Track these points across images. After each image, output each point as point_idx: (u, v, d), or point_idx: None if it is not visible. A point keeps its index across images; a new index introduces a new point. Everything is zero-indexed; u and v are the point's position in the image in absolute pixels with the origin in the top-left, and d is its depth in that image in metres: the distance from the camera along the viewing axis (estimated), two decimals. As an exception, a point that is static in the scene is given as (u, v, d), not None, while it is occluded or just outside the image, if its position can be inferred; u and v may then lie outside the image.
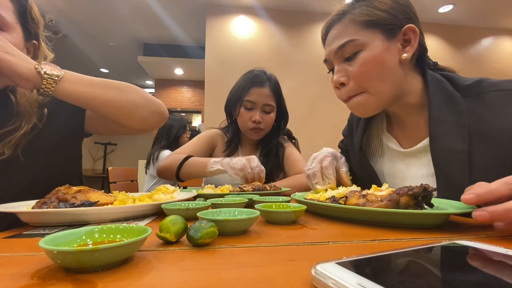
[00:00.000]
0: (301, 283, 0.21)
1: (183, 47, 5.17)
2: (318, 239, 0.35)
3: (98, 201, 0.47)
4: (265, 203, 0.50)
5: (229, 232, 0.36)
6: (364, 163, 0.77)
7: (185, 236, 0.33)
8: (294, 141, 1.34)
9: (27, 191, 0.60)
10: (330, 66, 0.71)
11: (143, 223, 0.45)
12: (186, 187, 1.84)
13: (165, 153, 2.19)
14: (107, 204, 0.48)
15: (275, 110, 1.17)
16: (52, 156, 0.71)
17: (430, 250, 0.26)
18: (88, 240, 0.29)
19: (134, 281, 0.22)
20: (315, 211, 0.54)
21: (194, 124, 6.43)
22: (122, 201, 0.50)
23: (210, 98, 3.71)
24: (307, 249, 0.31)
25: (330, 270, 0.19)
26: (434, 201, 0.48)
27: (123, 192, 0.57)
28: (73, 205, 0.44)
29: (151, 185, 2.22)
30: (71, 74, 0.61)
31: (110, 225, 0.31)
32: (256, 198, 0.60)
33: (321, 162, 0.71)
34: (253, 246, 0.32)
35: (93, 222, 0.44)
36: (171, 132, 2.31)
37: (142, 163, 3.37)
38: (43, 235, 0.37)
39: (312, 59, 3.85)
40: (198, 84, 6.06)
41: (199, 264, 0.26)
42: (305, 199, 0.57)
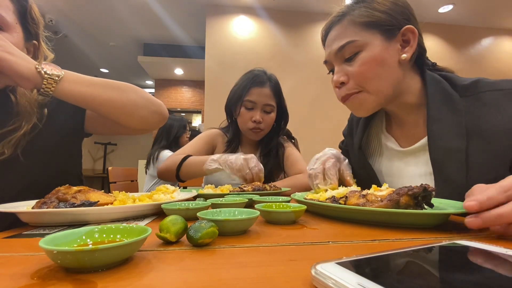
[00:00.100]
0: (301, 283, 0.21)
1: (183, 47, 5.17)
2: (318, 239, 0.35)
3: (98, 201, 0.47)
4: (265, 203, 0.50)
5: (229, 232, 0.37)
6: (364, 162, 0.78)
7: (185, 236, 0.33)
8: (293, 141, 1.34)
9: (27, 191, 0.60)
10: (330, 67, 0.72)
11: (143, 223, 0.45)
12: (186, 187, 1.84)
13: (165, 153, 2.19)
14: (107, 204, 0.48)
15: (276, 110, 1.17)
16: (52, 156, 0.71)
17: (430, 250, 0.26)
18: (88, 240, 0.29)
19: (134, 281, 0.22)
20: (315, 211, 0.55)
21: (194, 124, 6.43)
22: (122, 201, 0.50)
23: (210, 98, 3.71)
24: (307, 249, 0.31)
25: (330, 270, 0.19)
26: (434, 201, 0.48)
27: (123, 192, 0.57)
28: (73, 205, 0.44)
29: (151, 185, 2.22)
30: (72, 74, 0.61)
31: (110, 225, 0.31)
32: (256, 198, 0.60)
33: (324, 163, 0.72)
34: (253, 246, 0.32)
35: (93, 222, 0.44)
36: (171, 132, 2.31)
37: (142, 163, 3.37)
38: (43, 235, 0.37)
39: (312, 59, 3.85)
40: (198, 84, 6.06)
41: (199, 264, 0.26)
42: (305, 199, 0.57)
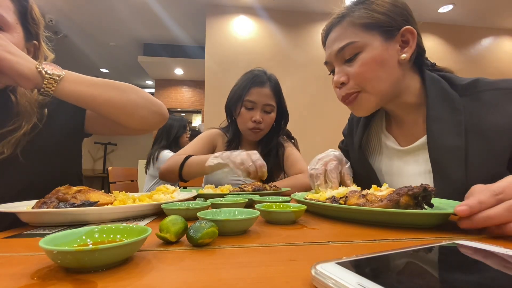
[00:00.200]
0: (301, 283, 0.21)
1: (183, 47, 5.17)
2: (318, 239, 0.35)
3: (98, 201, 0.47)
4: (265, 203, 0.50)
5: (229, 232, 0.37)
6: (364, 162, 0.79)
7: (185, 236, 0.33)
8: (293, 141, 1.34)
9: (27, 191, 0.60)
10: (331, 68, 0.73)
11: (143, 223, 0.45)
12: (186, 187, 1.84)
13: (165, 153, 2.19)
14: (107, 204, 0.48)
15: (276, 110, 1.17)
16: (52, 156, 0.71)
17: (430, 250, 0.26)
18: (88, 240, 0.29)
19: (134, 281, 0.22)
20: (315, 211, 0.55)
21: (194, 124, 6.43)
22: (122, 201, 0.50)
23: (210, 98, 3.71)
24: (307, 249, 0.31)
25: (330, 270, 0.19)
26: (434, 201, 0.48)
27: (123, 192, 0.57)
28: (73, 205, 0.44)
29: (151, 185, 2.22)
30: (72, 74, 0.61)
31: (110, 225, 0.31)
32: (256, 198, 0.60)
33: (325, 165, 0.72)
34: (253, 246, 0.32)
35: (93, 222, 0.44)
36: (171, 132, 2.31)
37: (142, 163, 3.37)
38: (43, 235, 0.37)
39: (312, 59, 3.85)
40: (198, 84, 6.06)
41: (199, 264, 0.26)
42: (305, 199, 0.57)
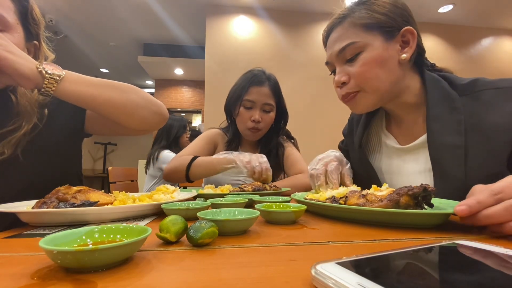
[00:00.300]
0: (301, 283, 0.21)
1: (183, 47, 5.17)
2: (318, 239, 0.35)
3: (98, 201, 0.47)
4: (265, 203, 0.50)
5: (229, 232, 0.37)
6: (364, 161, 0.79)
7: (185, 236, 0.33)
8: (293, 141, 1.34)
9: (27, 191, 0.60)
10: (332, 68, 0.73)
11: (143, 223, 0.45)
12: (186, 187, 1.84)
13: (165, 153, 2.19)
14: (107, 204, 0.48)
15: (275, 110, 1.17)
16: (52, 156, 0.71)
17: (430, 250, 0.26)
18: (88, 240, 0.29)
19: (134, 281, 0.22)
20: (315, 211, 0.55)
21: (194, 124, 6.43)
22: (122, 201, 0.50)
23: (210, 98, 3.71)
24: (307, 249, 0.31)
25: (330, 270, 0.19)
26: (434, 201, 0.48)
27: (123, 192, 0.57)
28: (73, 205, 0.44)
29: (151, 185, 2.22)
30: (72, 74, 0.61)
31: (110, 225, 0.31)
32: (256, 198, 0.60)
33: (326, 165, 0.72)
34: (253, 246, 0.32)
35: (93, 222, 0.44)
36: (171, 132, 2.31)
37: (142, 163, 3.37)
38: (43, 235, 0.37)
39: (312, 59, 3.85)
40: (198, 84, 6.06)
41: (199, 264, 0.26)
42: (305, 199, 0.57)
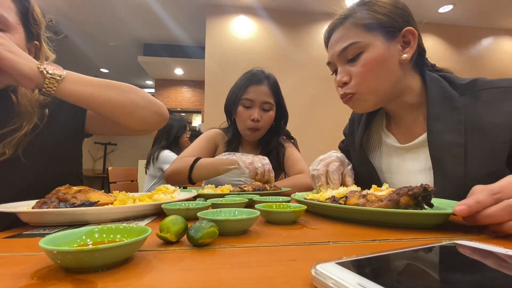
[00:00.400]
0: (301, 283, 0.21)
1: (183, 47, 5.17)
2: (318, 239, 0.35)
3: (98, 201, 0.47)
4: (265, 203, 0.50)
5: (229, 232, 0.37)
6: (364, 160, 0.80)
7: (185, 236, 0.33)
8: (292, 140, 1.34)
9: (27, 191, 0.60)
10: (333, 68, 0.74)
11: (143, 223, 0.45)
12: (186, 187, 1.84)
13: (165, 153, 2.19)
14: (107, 204, 0.48)
15: (274, 109, 1.17)
16: (53, 156, 0.71)
17: (430, 250, 0.26)
18: (88, 240, 0.29)
19: (134, 281, 0.22)
20: (315, 211, 0.55)
21: (194, 124, 6.43)
22: (122, 201, 0.50)
23: (210, 98, 3.71)
24: (307, 249, 0.31)
25: (330, 270, 0.19)
26: (434, 201, 0.48)
27: (123, 192, 0.57)
28: (73, 205, 0.44)
29: (151, 185, 2.22)
30: (73, 74, 0.62)
31: (110, 225, 0.31)
32: (256, 198, 0.60)
33: (327, 166, 0.72)
34: (253, 246, 0.32)
35: (93, 222, 0.44)
36: (171, 132, 2.31)
37: (142, 163, 3.37)
38: (43, 235, 0.37)
39: (312, 59, 3.85)
40: (198, 84, 6.06)
41: (199, 264, 0.26)
42: (305, 199, 0.57)
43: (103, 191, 0.53)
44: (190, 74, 5.81)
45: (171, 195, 0.60)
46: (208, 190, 0.79)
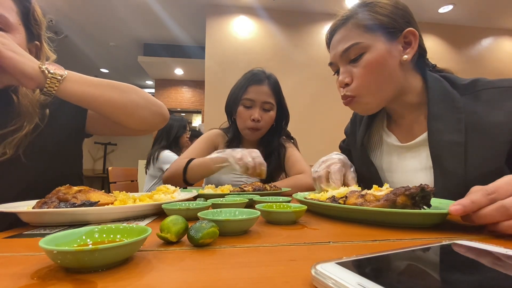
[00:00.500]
0: (301, 283, 0.21)
1: (183, 47, 5.17)
2: (318, 239, 0.35)
3: (99, 201, 0.47)
4: (265, 203, 0.50)
5: (229, 232, 0.37)
6: (365, 159, 0.80)
7: (185, 236, 0.33)
8: (292, 141, 1.33)
9: (28, 191, 0.60)
10: (335, 68, 0.74)
11: (143, 223, 0.45)
12: (186, 187, 1.84)
13: (165, 153, 2.19)
14: (108, 204, 0.48)
15: (275, 109, 1.17)
16: (53, 156, 0.71)
17: (430, 250, 0.26)
18: (88, 240, 0.29)
19: (134, 281, 0.22)
20: (316, 211, 0.55)
21: (194, 124, 6.43)
22: (123, 201, 0.50)
23: (210, 98, 3.71)
24: (307, 249, 0.31)
25: (330, 270, 0.19)
26: (434, 201, 0.48)
27: (124, 192, 0.57)
28: (73, 205, 0.44)
29: (151, 185, 2.22)
30: (74, 74, 0.62)
31: (110, 225, 0.31)
32: (257, 198, 0.60)
33: (329, 167, 0.72)
34: (253, 246, 0.32)
35: (93, 222, 0.44)
36: (171, 132, 2.31)
37: (142, 163, 3.37)
38: (43, 235, 0.37)
39: (312, 59, 3.85)
40: (198, 84, 6.06)
41: (199, 264, 0.26)
42: (305, 199, 0.57)
43: (103, 191, 0.53)
44: (190, 74, 5.81)
45: (172, 195, 0.60)
46: (208, 190, 0.79)
